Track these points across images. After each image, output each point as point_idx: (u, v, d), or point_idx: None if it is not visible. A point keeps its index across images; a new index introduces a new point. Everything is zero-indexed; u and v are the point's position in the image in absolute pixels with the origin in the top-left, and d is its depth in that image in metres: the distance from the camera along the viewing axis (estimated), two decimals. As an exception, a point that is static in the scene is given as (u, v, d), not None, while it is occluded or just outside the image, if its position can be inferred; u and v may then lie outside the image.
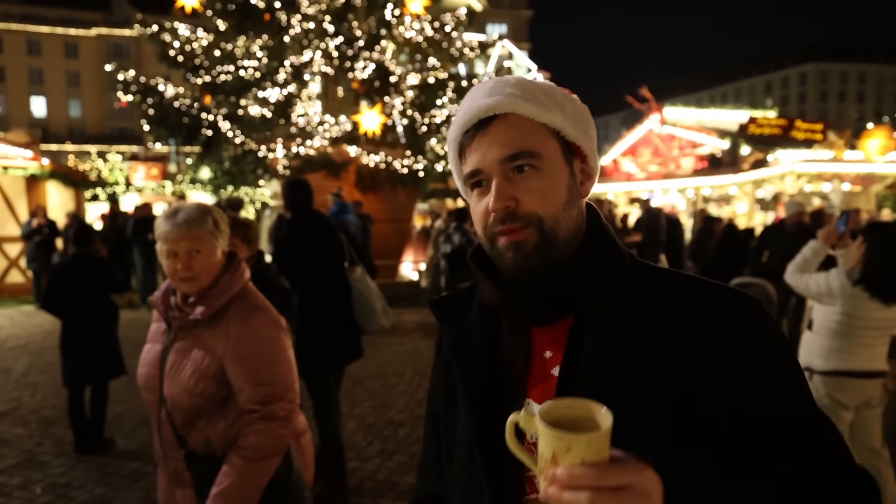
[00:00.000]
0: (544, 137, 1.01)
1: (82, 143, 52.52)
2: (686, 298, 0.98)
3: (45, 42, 59.72)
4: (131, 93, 12.80)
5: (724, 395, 0.92)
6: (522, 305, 1.03)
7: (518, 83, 1.03)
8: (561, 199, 1.01)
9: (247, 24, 13.40)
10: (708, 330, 0.94)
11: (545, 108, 1.01)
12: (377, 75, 13.39)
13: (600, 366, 0.94)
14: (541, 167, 0.99)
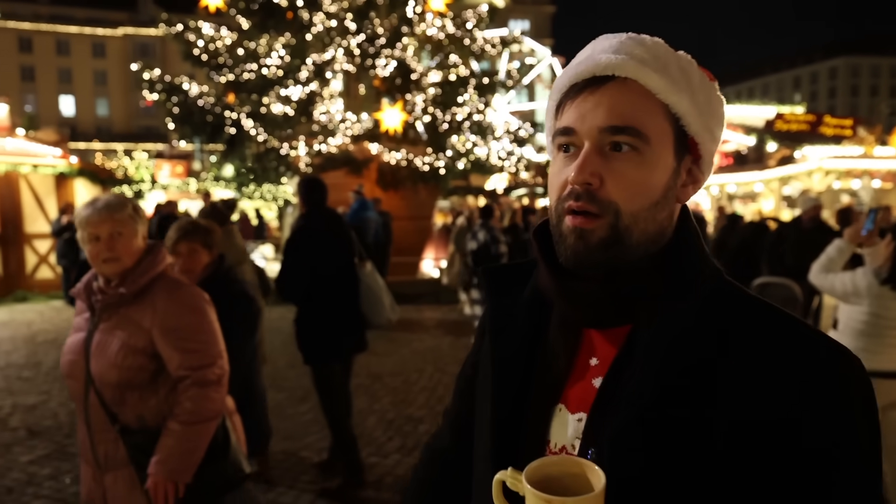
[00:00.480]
0: (660, 120, 0.86)
1: (109, 141, 53.36)
2: (771, 341, 0.81)
3: (73, 42, 60.65)
4: (157, 91, 12.98)
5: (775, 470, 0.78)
6: (577, 301, 0.90)
7: (652, 46, 0.88)
8: (651, 196, 0.86)
9: (269, 23, 13.52)
10: (784, 389, 0.78)
11: (675, 85, 0.86)
12: (399, 73, 13.43)
13: (650, 393, 0.81)
14: (643, 152, 0.84)
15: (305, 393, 6.48)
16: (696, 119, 0.87)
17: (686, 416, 0.79)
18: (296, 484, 4.37)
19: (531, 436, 0.91)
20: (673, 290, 0.86)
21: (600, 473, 0.74)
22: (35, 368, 7.54)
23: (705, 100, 0.89)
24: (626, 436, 0.81)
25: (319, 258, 4.17)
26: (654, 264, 0.88)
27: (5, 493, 4.30)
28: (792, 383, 0.78)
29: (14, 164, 13.51)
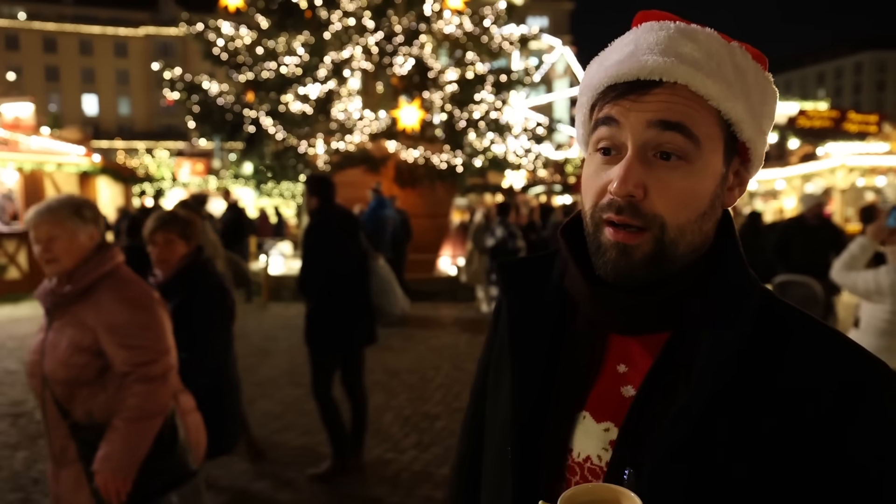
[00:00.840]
0: (712, 125, 0.79)
1: (131, 139, 53.98)
2: (812, 353, 0.78)
3: (96, 42, 61.38)
4: (177, 90, 13.13)
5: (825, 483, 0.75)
6: (611, 307, 0.84)
7: (705, 41, 0.80)
8: (699, 208, 0.80)
9: (288, 22, 13.61)
10: (831, 400, 0.75)
11: (730, 89, 0.78)
12: (416, 71, 13.46)
13: (702, 409, 0.76)
14: (692, 161, 0.78)
15: (323, 389, 6.53)
16: (750, 123, 0.81)
17: (737, 438, 0.76)
18: (316, 479, 4.41)
19: (553, 443, 0.86)
20: (721, 301, 0.82)
21: (637, 501, 0.69)
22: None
23: (760, 99, 0.82)
24: (673, 459, 0.76)
25: (336, 255, 4.26)
26: (697, 272, 0.83)
27: (32, 483, 4.38)
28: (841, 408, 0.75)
29: (39, 163, 13.73)
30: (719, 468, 0.75)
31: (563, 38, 39.30)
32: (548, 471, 0.85)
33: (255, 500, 4.16)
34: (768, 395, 0.76)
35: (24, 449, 5.03)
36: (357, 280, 4.37)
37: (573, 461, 0.85)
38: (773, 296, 0.85)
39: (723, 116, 0.79)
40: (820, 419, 0.75)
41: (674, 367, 0.80)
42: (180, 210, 3.40)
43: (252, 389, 6.48)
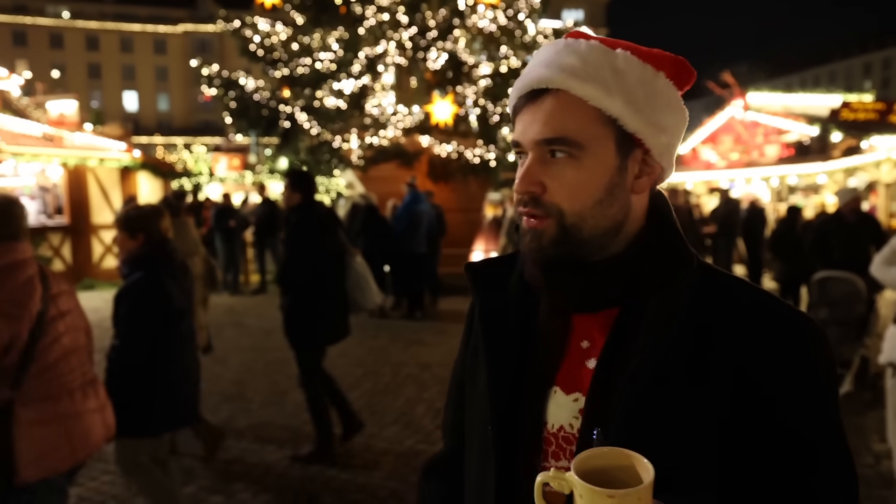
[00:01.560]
0: (595, 124, 0.90)
1: (169, 135, 54.88)
2: (749, 314, 0.90)
3: (136, 40, 62.54)
4: (215, 87, 13.33)
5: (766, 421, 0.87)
6: (561, 289, 0.95)
7: (586, 52, 0.92)
8: (593, 196, 0.91)
9: (323, 18, 13.70)
10: (766, 351, 0.87)
11: (606, 90, 0.89)
12: (450, 65, 13.46)
13: (651, 369, 0.87)
14: (579, 157, 0.90)
15: (356, 381, 6.62)
16: (634, 117, 0.90)
17: (683, 392, 0.87)
18: (346, 468, 4.49)
19: (529, 418, 0.96)
20: (658, 276, 0.92)
21: (648, 465, 0.75)
22: (101, 353, 7.86)
23: (645, 94, 0.91)
24: (632, 415, 0.87)
25: (318, 251, 4.44)
26: (634, 252, 0.94)
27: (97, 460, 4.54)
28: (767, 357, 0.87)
29: (83, 158, 14.07)
30: (674, 420, 0.86)
31: (600, 31, 38.93)
32: (526, 444, 0.95)
33: (288, 489, 4.25)
34: (712, 350, 0.88)
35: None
36: (337, 275, 4.58)
37: (548, 433, 0.95)
38: (708, 266, 0.97)
39: (604, 114, 0.90)
40: (758, 367, 0.87)
41: (626, 336, 0.91)
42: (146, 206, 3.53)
43: (286, 381, 6.60)
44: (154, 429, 3.35)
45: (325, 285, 4.50)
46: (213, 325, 7.22)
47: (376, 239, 9.73)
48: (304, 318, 4.50)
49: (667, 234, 0.96)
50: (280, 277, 4.62)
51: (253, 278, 13.63)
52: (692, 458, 0.86)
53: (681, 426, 0.86)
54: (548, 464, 0.94)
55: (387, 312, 10.12)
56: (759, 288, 0.95)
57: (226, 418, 5.54)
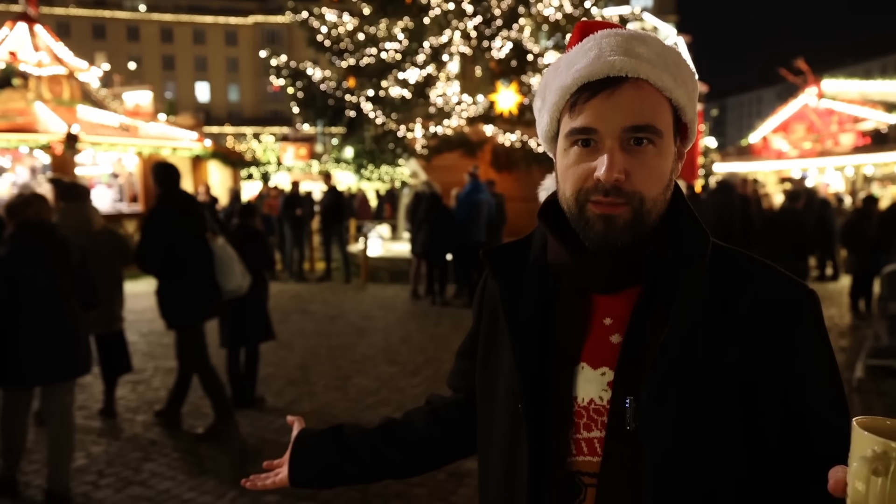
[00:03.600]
0: (666, 113, 0.95)
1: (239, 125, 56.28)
2: (759, 282, 0.98)
3: (208, 31, 64.24)
4: (283, 77, 13.60)
5: (783, 383, 0.94)
6: (593, 272, 0.99)
7: (653, 45, 0.96)
8: (665, 180, 0.97)
9: (389, 8, 13.82)
10: (779, 317, 0.95)
11: (675, 81, 0.95)
12: (514, 54, 13.40)
13: (681, 340, 0.93)
14: (658, 145, 0.94)
15: (417, 368, 6.70)
16: (689, 106, 0.98)
17: (709, 360, 0.93)
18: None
19: (558, 394, 1.00)
20: (682, 255, 0.98)
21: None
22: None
23: (693, 87, 0.99)
24: (663, 384, 0.93)
25: (174, 234, 4.76)
26: (658, 233, 0.98)
27: (150, 444, 4.76)
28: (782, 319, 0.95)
29: (156, 148, 14.61)
30: (702, 387, 0.93)
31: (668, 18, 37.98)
32: (557, 418, 0.99)
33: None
34: (732, 318, 0.95)
35: (143, 413, 5.46)
36: (199, 257, 4.88)
37: (578, 406, 0.99)
38: (719, 243, 1.02)
39: (672, 103, 0.96)
40: (772, 331, 0.94)
41: (650, 312, 0.96)
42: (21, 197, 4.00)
43: (349, 367, 6.75)
44: (14, 382, 3.85)
45: (185, 268, 4.82)
46: (279, 311, 7.41)
47: (438, 227, 9.80)
48: (169, 298, 4.88)
49: (684, 216, 1.01)
50: (135, 261, 4.97)
51: (318, 266, 13.92)
52: (720, 420, 0.93)
53: (708, 392, 0.92)
54: (580, 435, 0.98)
55: (448, 300, 10.19)
56: (760, 259, 1.02)
57: (290, 401, 5.70)
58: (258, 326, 5.59)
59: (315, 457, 1.27)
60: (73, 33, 55.22)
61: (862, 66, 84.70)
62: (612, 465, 0.94)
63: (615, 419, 0.94)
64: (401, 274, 12.16)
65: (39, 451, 4.65)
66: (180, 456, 4.56)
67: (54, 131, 13.07)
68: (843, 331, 8.12)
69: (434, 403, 1.34)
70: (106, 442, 4.83)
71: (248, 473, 3.78)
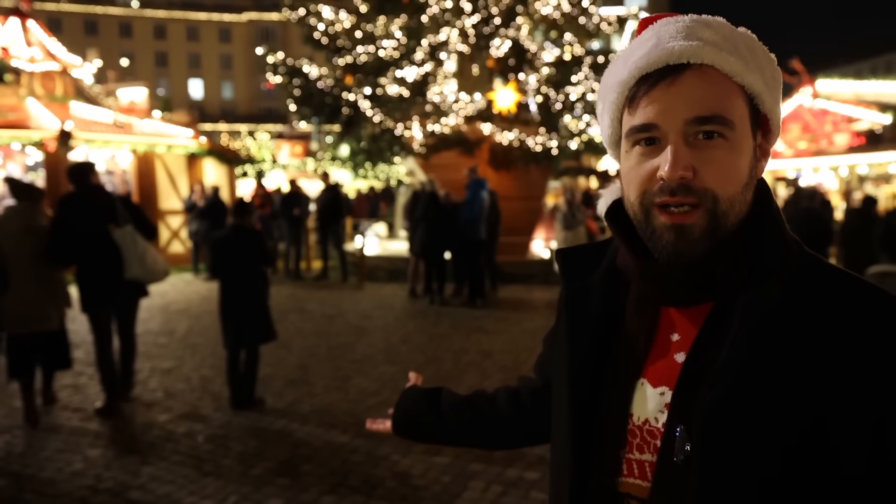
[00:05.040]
0: (739, 102, 0.85)
1: (233, 122, 56.03)
2: (851, 308, 0.82)
3: (202, 28, 63.96)
4: (280, 74, 13.50)
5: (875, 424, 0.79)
6: (663, 281, 0.89)
7: (719, 27, 0.87)
8: (742, 178, 0.86)
9: (387, 6, 13.74)
10: (868, 350, 0.80)
11: (747, 66, 0.85)
12: (512, 53, 13.34)
13: (743, 364, 0.82)
14: (730, 138, 0.84)
15: (417, 367, 6.63)
16: (768, 96, 0.88)
17: (776, 392, 0.80)
18: (409, 454, 4.51)
19: (613, 409, 0.93)
20: (759, 268, 0.86)
21: None
22: (169, 336, 8.11)
23: (772, 75, 0.89)
24: (719, 412, 0.81)
25: (78, 223, 5.18)
26: (738, 243, 0.87)
27: (148, 447, 4.68)
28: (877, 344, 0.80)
29: (151, 145, 14.49)
30: (760, 420, 0.80)
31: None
32: (610, 434, 0.92)
33: (352, 473, 4.29)
34: (807, 349, 0.81)
35: (140, 415, 5.38)
36: (103, 246, 5.24)
37: (633, 425, 0.91)
38: (815, 258, 0.89)
39: (746, 91, 0.86)
40: (847, 363, 0.79)
41: (719, 331, 0.86)
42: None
43: (349, 367, 6.68)
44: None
45: (88, 258, 5.24)
46: (276, 310, 7.32)
47: (437, 226, 9.73)
48: (81, 286, 5.32)
49: (769, 223, 0.89)
50: (46, 253, 5.23)
51: (315, 264, 13.84)
52: (772, 463, 0.80)
53: (766, 432, 0.80)
54: (632, 455, 0.91)
55: (447, 300, 10.13)
56: (865, 281, 0.86)
57: (290, 402, 5.62)
58: (259, 327, 5.52)
59: (412, 413, 1.39)
60: (65, 29, 54.85)
61: (853, 67, 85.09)
62: (660, 494, 0.86)
63: (667, 445, 0.85)
64: (398, 273, 12.09)
65: (33, 453, 4.57)
66: (180, 459, 4.48)
67: (47, 128, 12.94)
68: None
69: (520, 385, 1.35)
70: (103, 445, 4.74)
71: (249, 476, 3.73)
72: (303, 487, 4.06)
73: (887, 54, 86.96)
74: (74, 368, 5.95)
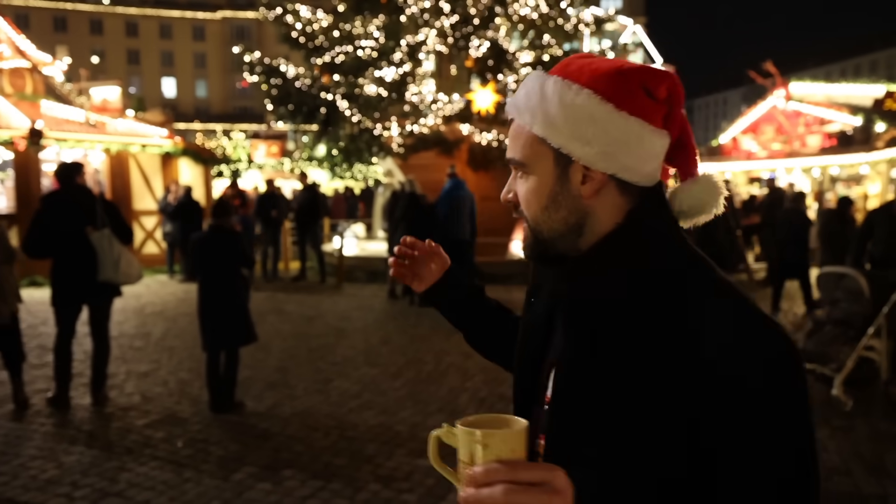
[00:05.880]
0: (534, 145, 1.03)
1: (207, 121, 55.44)
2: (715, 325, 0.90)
3: (175, 26, 63.24)
4: (256, 73, 13.36)
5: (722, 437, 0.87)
6: (543, 278, 1.16)
7: (528, 87, 1.07)
8: (539, 203, 1.04)
9: (365, 5, 13.67)
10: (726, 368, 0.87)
11: (533, 116, 1.02)
12: (491, 53, 13.34)
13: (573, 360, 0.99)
14: (527, 174, 1.05)
15: (398, 369, 6.60)
16: (557, 134, 1.01)
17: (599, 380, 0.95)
18: (393, 457, 4.48)
19: (539, 391, 1.09)
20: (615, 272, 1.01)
21: (522, 421, 0.84)
22: (145, 339, 7.99)
23: (565, 113, 1.00)
24: (561, 398, 1.01)
25: (55, 222, 5.29)
26: (596, 250, 1.03)
27: (125, 453, 4.59)
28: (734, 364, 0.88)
29: (125, 144, 14.26)
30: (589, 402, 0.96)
31: (638, 19, 38.28)
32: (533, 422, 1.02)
33: (335, 476, 4.25)
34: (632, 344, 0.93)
35: (118, 420, 5.28)
36: (77, 245, 5.34)
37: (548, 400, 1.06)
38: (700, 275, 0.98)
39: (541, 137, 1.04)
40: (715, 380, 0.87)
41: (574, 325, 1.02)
42: None
43: (329, 369, 6.62)
44: None
45: (63, 257, 5.37)
46: (254, 311, 7.24)
47: (417, 226, 9.70)
48: (53, 282, 5.49)
49: (626, 235, 1.01)
50: (22, 246, 5.42)
51: (292, 265, 13.72)
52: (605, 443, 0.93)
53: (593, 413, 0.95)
54: (539, 438, 1.05)
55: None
56: (729, 298, 0.94)
57: (270, 405, 5.56)
58: (238, 328, 5.44)
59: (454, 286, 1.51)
60: (33, 25, 53.98)
61: (823, 70, 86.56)
62: None
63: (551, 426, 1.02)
64: (377, 274, 12.03)
65: (6, 461, 4.47)
66: (158, 465, 4.40)
67: (17, 126, 12.66)
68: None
69: None
70: (79, 451, 4.64)
71: (231, 482, 3.68)
72: (286, 492, 4.00)
73: (857, 57, 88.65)
74: (48, 374, 5.83)
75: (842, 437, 4.92)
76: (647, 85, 1.00)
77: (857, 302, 5.76)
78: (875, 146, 19.83)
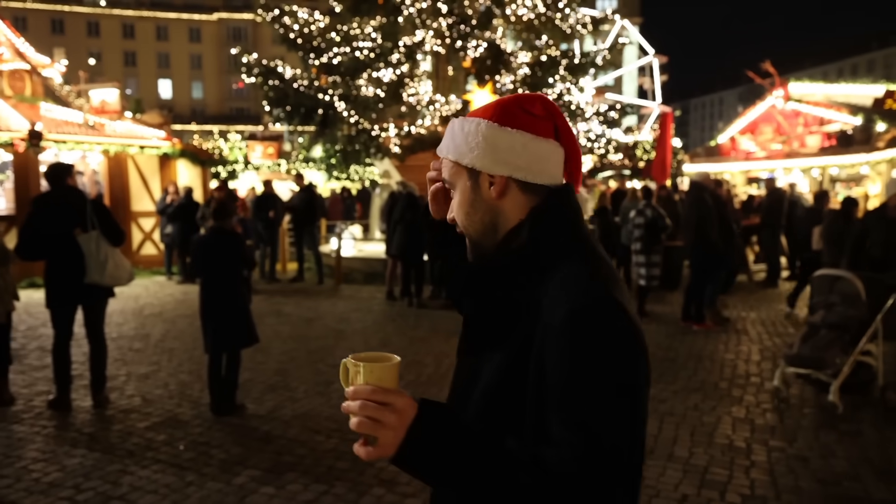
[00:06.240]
0: (454, 167, 1.34)
1: (203, 123, 55.32)
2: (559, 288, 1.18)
3: (171, 27, 63.12)
4: (254, 75, 13.35)
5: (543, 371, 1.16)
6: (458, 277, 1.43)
7: (449, 129, 1.38)
8: (464, 210, 1.34)
9: (362, 6, 13.68)
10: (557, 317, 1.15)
11: (448, 149, 1.34)
12: (489, 54, 13.36)
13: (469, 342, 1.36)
14: (453, 190, 1.37)
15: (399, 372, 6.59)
16: (464, 155, 1.31)
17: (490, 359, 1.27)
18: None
19: None
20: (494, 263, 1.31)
21: (395, 357, 1.14)
22: (144, 340, 7.97)
23: (466, 140, 1.31)
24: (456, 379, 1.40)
25: (44, 225, 5.36)
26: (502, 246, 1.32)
27: (127, 455, 4.59)
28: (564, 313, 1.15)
29: (124, 146, 14.24)
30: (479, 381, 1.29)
31: (633, 20, 38.28)
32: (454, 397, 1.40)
33: (338, 480, 4.25)
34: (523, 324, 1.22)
35: (119, 423, 5.27)
36: (67, 247, 5.36)
37: None
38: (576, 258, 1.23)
39: None
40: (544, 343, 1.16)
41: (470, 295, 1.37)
42: None
43: (329, 371, 6.61)
44: None
45: (54, 258, 5.42)
46: (253, 313, 7.25)
47: (415, 228, 9.70)
48: (46, 283, 5.50)
49: (535, 229, 1.27)
50: (15, 248, 5.50)
51: (290, 266, 13.71)
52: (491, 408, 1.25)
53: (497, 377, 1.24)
54: None
55: (425, 302, 10.10)
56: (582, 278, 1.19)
57: (271, 408, 5.56)
58: (240, 330, 5.44)
59: None
60: (31, 27, 53.77)
61: (820, 70, 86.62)
62: None
63: None
64: (375, 275, 12.03)
65: (8, 463, 4.46)
66: (160, 468, 4.40)
67: (16, 129, 12.63)
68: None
69: None
70: (81, 454, 4.63)
71: (233, 485, 3.68)
72: (289, 496, 4.00)
73: (854, 57, 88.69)
74: (49, 376, 5.82)
75: (849, 441, 4.90)
76: (524, 106, 1.30)
77: (853, 306, 5.67)
78: (875, 146, 19.82)
